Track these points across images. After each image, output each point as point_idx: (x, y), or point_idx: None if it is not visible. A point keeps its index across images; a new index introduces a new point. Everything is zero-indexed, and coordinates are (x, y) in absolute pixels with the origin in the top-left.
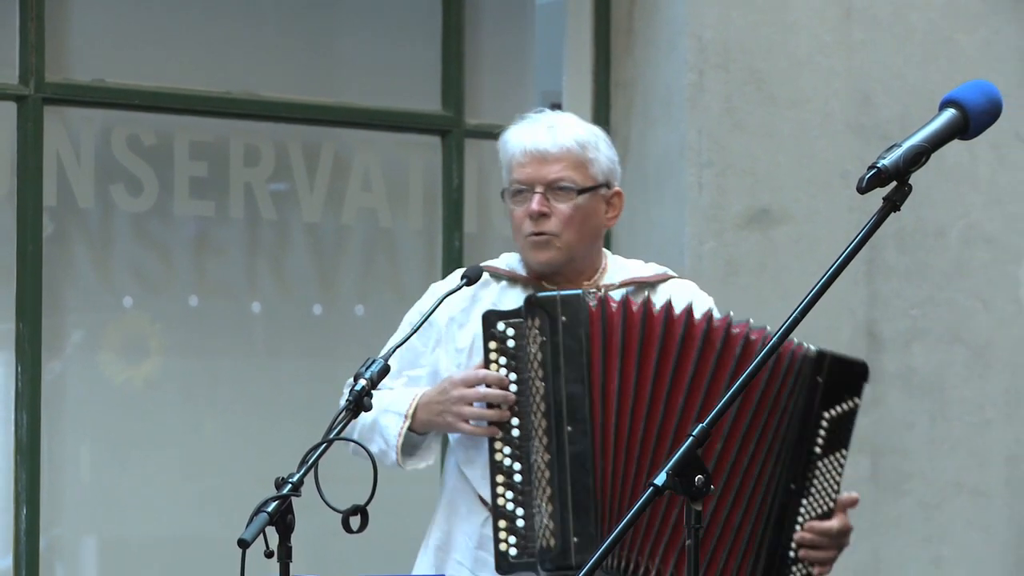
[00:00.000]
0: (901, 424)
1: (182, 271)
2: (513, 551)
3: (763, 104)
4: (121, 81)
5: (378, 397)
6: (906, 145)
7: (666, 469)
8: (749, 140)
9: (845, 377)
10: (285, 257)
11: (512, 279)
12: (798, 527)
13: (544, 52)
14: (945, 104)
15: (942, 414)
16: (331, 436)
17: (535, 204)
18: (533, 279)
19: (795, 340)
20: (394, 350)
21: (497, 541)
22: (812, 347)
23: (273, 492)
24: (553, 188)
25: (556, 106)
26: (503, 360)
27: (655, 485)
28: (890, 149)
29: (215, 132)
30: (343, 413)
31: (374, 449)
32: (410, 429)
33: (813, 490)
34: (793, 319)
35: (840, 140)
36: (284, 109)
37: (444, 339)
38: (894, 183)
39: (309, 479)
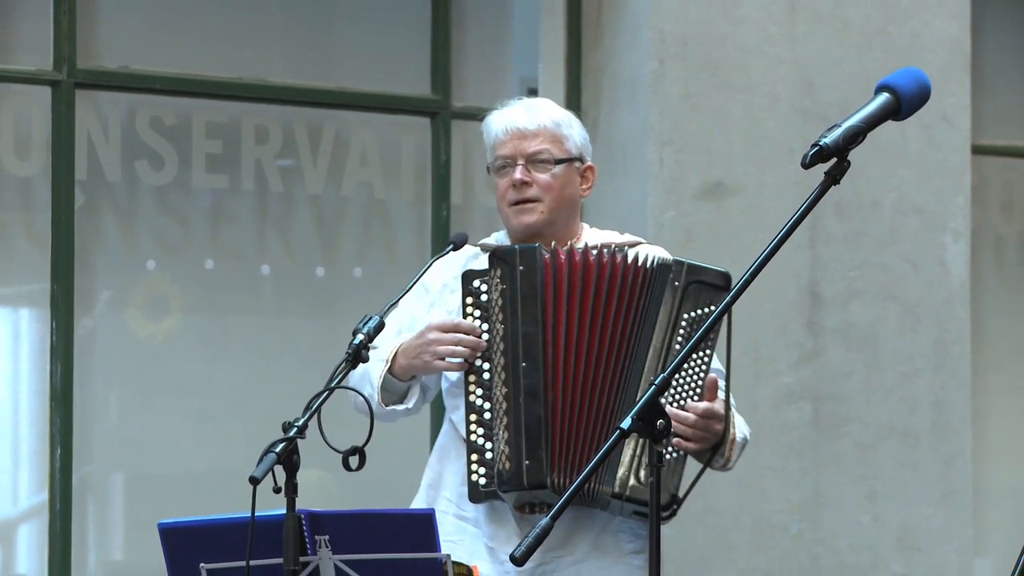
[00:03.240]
0: (840, 373)
1: (199, 237)
2: (483, 481)
3: (717, 89)
4: (145, 68)
5: (374, 352)
6: (845, 125)
7: (631, 414)
8: (705, 121)
9: (704, 284)
10: (291, 225)
11: None
12: None
13: (522, 42)
14: (880, 89)
15: (876, 364)
16: (332, 384)
17: (518, 174)
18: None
19: (650, 256)
20: (389, 308)
21: (470, 473)
22: (669, 257)
23: (280, 435)
24: (533, 160)
25: (532, 91)
26: (477, 312)
27: (621, 429)
28: (831, 129)
29: (228, 113)
30: (343, 364)
31: (367, 392)
32: (391, 373)
33: (674, 383)
34: (744, 280)
35: (786, 121)
36: (290, 93)
37: (438, 303)
38: (834, 159)
39: (313, 423)
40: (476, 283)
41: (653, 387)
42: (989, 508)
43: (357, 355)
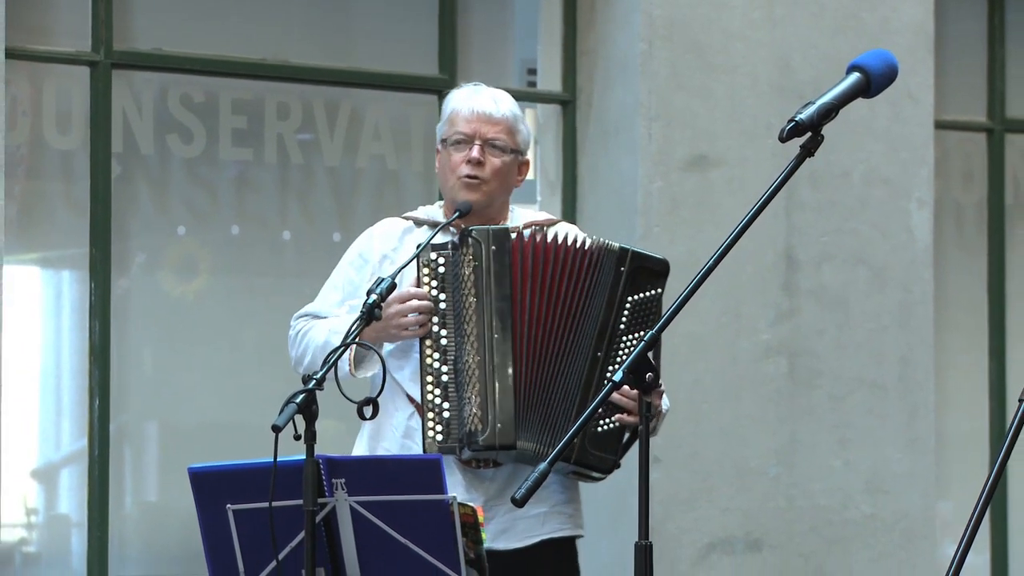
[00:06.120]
0: (813, 331)
1: (226, 205)
2: (439, 437)
3: (702, 69)
4: (176, 50)
5: (327, 323)
6: (819, 102)
7: (623, 368)
8: (690, 99)
9: (646, 270)
10: (310, 194)
11: (433, 225)
12: None
13: (522, 26)
14: (851, 69)
15: (847, 323)
16: (348, 341)
17: (475, 152)
18: (453, 224)
19: (602, 239)
20: (400, 269)
21: (426, 430)
22: (616, 244)
23: (300, 387)
24: (490, 144)
25: (532, 71)
26: (434, 283)
27: (613, 381)
28: (806, 106)
29: (253, 91)
30: (358, 322)
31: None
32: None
33: (618, 360)
34: (726, 245)
35: (765, 99)
36: (310, 73)
37: (377, 272)
38: (809, 133)
39: (330, 376)
40: (433, 255)
41: (643, 343)
42: (950, 455)
43: (371, 314)
